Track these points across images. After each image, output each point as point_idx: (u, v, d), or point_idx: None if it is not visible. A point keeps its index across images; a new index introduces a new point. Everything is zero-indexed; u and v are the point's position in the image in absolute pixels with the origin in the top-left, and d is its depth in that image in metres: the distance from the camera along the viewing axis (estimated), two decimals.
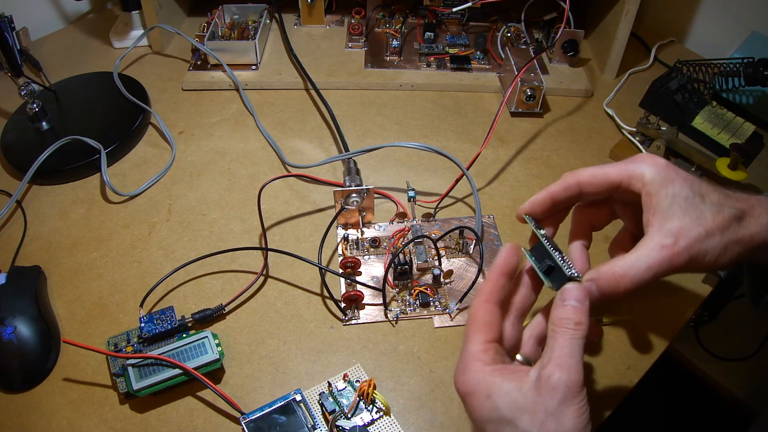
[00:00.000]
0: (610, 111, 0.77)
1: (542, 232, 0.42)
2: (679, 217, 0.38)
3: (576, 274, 0.38)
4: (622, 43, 0.79)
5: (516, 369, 0.37)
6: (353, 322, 0.55)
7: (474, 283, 0.56)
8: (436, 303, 0.56)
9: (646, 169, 0.39)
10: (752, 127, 0.66)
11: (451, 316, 0.55)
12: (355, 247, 0.61)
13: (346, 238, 0.62)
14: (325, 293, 0.57)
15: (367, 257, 0.60)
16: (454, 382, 0.39)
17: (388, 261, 0.58)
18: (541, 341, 0.41)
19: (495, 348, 0.38)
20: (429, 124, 0.76)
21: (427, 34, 0.86)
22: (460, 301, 0.56)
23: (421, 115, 0.78)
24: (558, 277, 0.38)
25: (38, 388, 0.51)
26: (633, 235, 0.45)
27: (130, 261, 0.61)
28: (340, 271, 0.58)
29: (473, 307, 0.40)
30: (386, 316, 0.56)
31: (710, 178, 0.67)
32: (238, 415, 0.48)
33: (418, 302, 0.56)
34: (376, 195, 0.66)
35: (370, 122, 0.77)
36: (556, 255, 0.39)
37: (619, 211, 0.45)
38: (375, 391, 0.48)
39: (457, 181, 0.64)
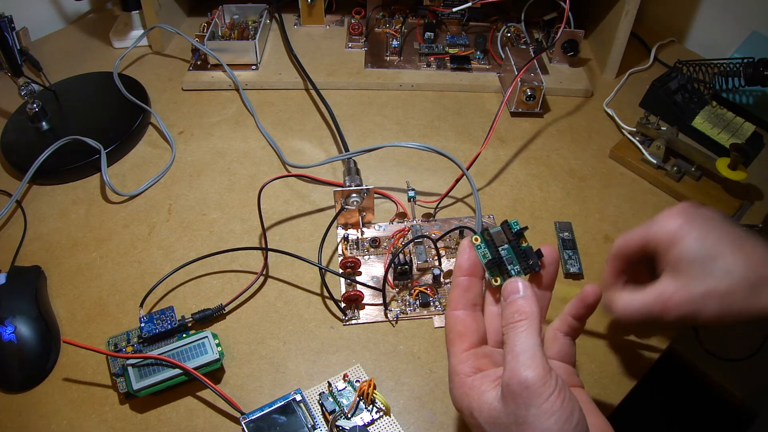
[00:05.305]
0: (610, 111, 0.77)
1: None
2: (680, 277, 0.39)
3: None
4: (622, 43, 0.79)
5: (497, 375, 0.36)
6: (353, 322, 0.55)
7: None
8: (436, 303, 0.56)
9: (659, 230, 0.41)
10: (752, 127, 0.66)
11: None
12: (355, 247, 0.61)
13: (346, 238, 0.62)
14: (325, 293, 0.57)
15: (367, 257, 0.60)
16: None
17: (388, 261, 0.58)
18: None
19: (475, 354, 0.38)
20: (429, 124, 0.76)
21: (427, 34, 0.86)
22: None
23: (421, 115, 0.78)
24: (522, 259, 0.39)
25: (38, 388, 0.51)
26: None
27: (130, 261, 0.61)
28: (340, 271, 0.58)
29: (445, 318, 0.39)
30: (386, 316, 0.56)
31: (710, 178, 0.67)
32: (238, 415, 0.48)
33: (418, 302, 0.56)
34: (376, 195, 0.66)
35: (370, 122, 0.77)
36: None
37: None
38: (375, 391, 0.48)
39: (457, 181, 0.64)
